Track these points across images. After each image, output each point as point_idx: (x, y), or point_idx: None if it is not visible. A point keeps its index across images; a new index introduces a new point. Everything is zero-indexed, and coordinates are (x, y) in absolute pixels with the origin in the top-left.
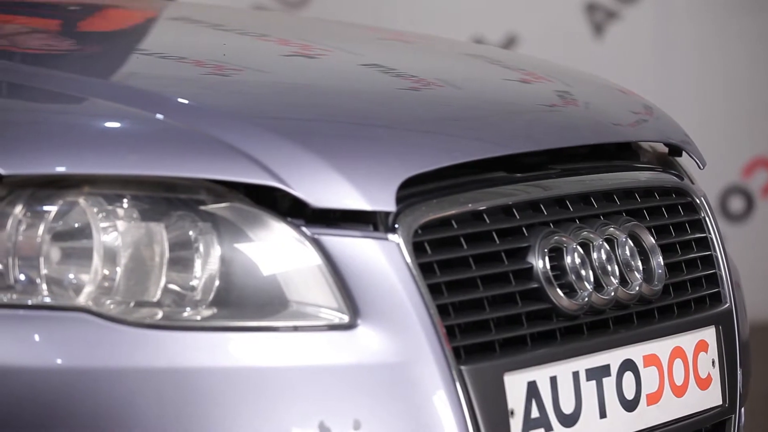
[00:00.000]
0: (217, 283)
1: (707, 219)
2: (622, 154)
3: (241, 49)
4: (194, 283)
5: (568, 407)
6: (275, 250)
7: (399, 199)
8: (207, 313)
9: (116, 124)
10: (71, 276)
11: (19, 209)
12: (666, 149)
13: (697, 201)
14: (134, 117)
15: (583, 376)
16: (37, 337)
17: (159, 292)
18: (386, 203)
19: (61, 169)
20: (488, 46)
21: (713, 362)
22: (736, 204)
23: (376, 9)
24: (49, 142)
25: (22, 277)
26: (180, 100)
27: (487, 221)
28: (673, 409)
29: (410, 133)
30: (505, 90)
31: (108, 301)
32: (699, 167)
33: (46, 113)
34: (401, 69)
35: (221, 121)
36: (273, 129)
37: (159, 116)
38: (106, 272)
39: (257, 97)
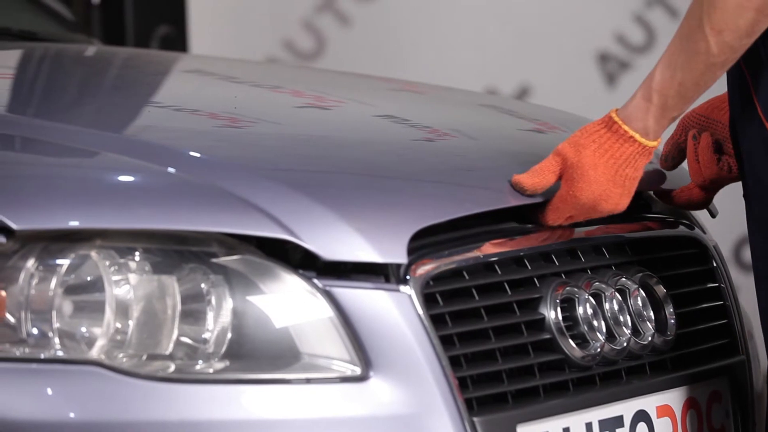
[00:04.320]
0: (229, 335)
1: (719, 269)
2: (634, 203)
3: (255, 101)
4: (206, 335)
5: None
6: (287, 303)
7: (410, 251)
8: (219, 365)
9: (128, 178)
10: (83, 329)
11: (31, 263)
12: None
13: (709, 251)
14: (146, 171)
15: (596, 427)
16: (49, 391)
17: (171, 345)
18: (398, 255)
19: (73, 224)
20: (501, 97)
21: (727, 413)
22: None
23: (389, 60)
24: (61, 197)
25: (34, 330)
26: (192, 153)
27: (499, 272)
28: None
29: (423, 184)
30: (519, 140)
31: (120, 355)
32: (711, 216)
33: (59, 167)
34: (415, 120)
35: (233, 174)
36: (284, 182)
37: (171, 170)
38: (119, 325)
39: (269, 149)
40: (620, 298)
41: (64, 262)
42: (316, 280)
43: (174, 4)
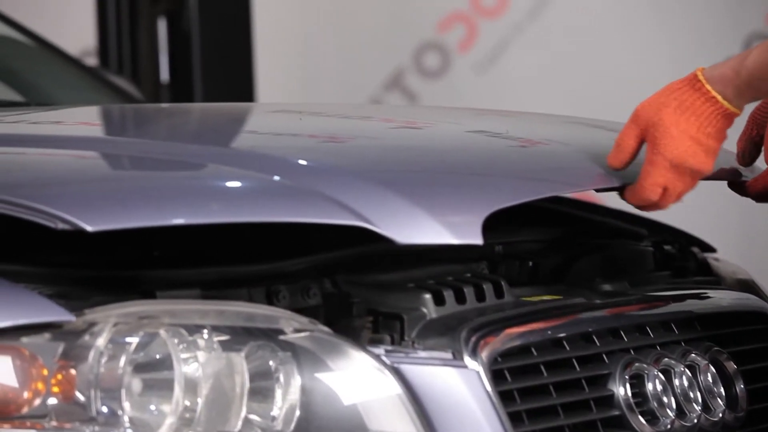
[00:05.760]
0: (297, 413)
1: None
2: (702, 271)
3: (350, 125)
4: (275, 413)
5: None
6: (355, 380)
7: (478, 327)
8: None
9: (214, 179)
10: (153, 407)
11: (101, 341)
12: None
13: None
14: (247, 177)
15: None
16: None
17: (240, 423)
18: (472, 236)
19: (177, 221)
20: (587, 118)
21: None
22: None
23: None
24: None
25: (104, 409)
26: (300, 162)
27: (567, 348)
28: None
29: (507, 179)
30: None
31: None
32: None
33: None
34: (507, 134)
35: (323, 175)
36: (365, 178)
37: (276, 178)
38: (188, 403)
39: (356, 155)
40: (690, 374)
41: (133, 340)
42: (384, 357)
43: (242, 82)
